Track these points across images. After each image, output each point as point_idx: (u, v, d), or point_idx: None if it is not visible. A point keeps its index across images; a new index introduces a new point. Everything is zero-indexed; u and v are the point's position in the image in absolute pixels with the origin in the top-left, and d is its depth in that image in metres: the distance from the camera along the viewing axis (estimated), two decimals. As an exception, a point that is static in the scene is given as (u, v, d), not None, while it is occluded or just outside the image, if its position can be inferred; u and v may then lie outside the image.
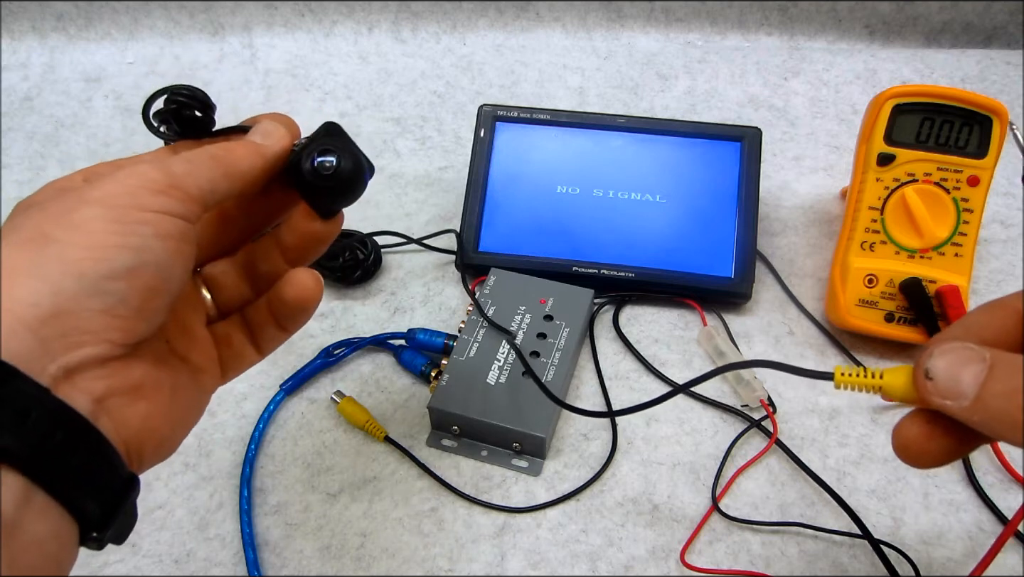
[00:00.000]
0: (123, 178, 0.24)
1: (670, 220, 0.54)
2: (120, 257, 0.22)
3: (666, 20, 0.76)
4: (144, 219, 0.23)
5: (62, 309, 0.21)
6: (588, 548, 0.41)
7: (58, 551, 0.20)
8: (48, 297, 0.21)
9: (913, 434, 0.26)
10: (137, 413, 0.23)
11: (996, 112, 0.48)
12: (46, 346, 0.21)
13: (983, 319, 0.26)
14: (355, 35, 0.77)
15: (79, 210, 0.23)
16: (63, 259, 0.22)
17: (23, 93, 0.73)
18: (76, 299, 0.21)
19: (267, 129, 0.31)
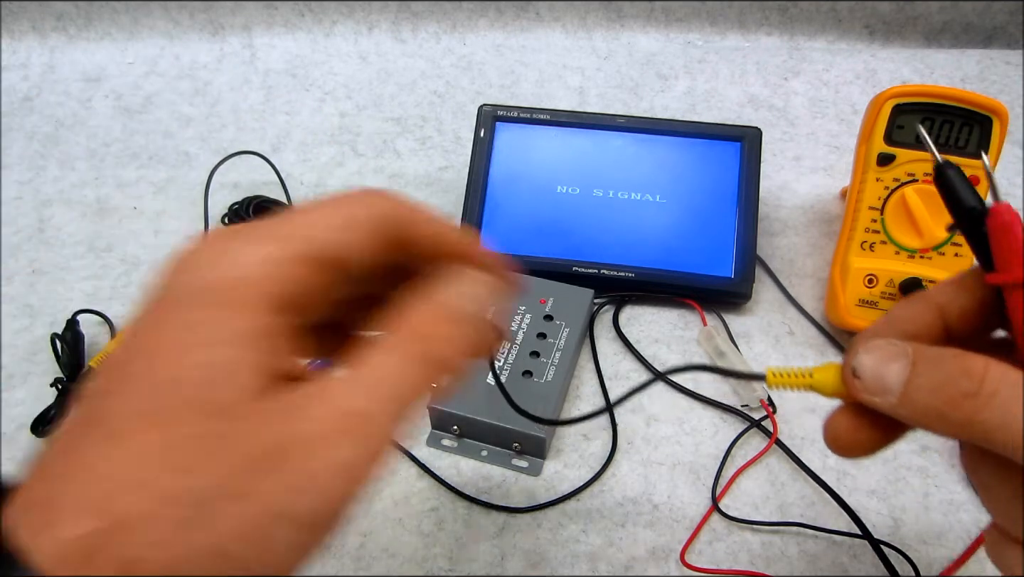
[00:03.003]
0: (330, 480, 0.19)
1: (670, 220, 0.54)
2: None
3: (666, 20, 0.76)
4: (324, 542, 0.20)
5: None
6: (588, 548, 0.41)
7: None
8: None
9: (843, 427, 0.26)
10: None
11: (996, 112, 0.48)
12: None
13: (905, 314, 0.26)
14: (355, 35, 0.77)
15: (277, 530, 0.19)
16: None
17: (23, 93, 0.74)
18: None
19: (480, 298, 0.24)
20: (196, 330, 0.20)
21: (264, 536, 0.19)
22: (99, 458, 0.19)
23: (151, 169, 0.65)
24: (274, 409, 0.20)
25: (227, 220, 0.58)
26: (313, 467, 0.19)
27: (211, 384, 0.19)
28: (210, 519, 0.18)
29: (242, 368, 0.20)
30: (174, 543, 0.18)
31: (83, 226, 0.61)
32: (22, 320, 0.54)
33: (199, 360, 0.19)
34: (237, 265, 0.20)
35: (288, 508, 0.19)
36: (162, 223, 0.61)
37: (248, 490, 0.19)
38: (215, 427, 0.19)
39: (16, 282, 0.57)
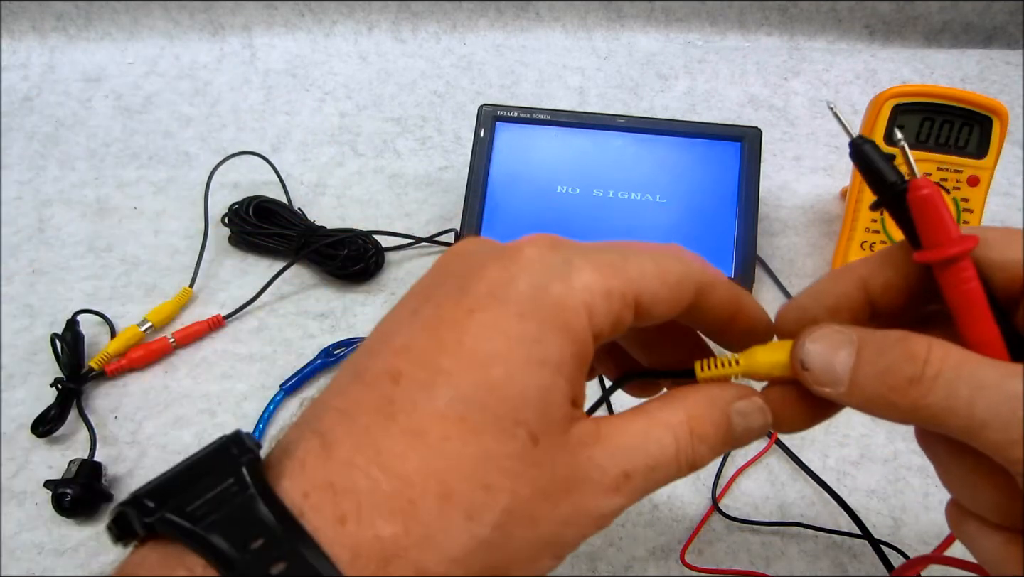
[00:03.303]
0: (588, 523, 0.21)
1: (670, 220, 0.54)
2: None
3: (666, 20, 0.76)
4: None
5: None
6: (588, 548, 0.41)
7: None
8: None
9: (780, 402, 0.25)
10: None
11: (996, 112, 0.48)
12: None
13: (829, 287, 0.25)
14: (355, 35, 0.77)
15: (542, 559, 0.20)
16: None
17: (23, 93, 0.73)
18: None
19: (754, 427, 0.24)
20: (528, 345, 0.19)
21: (537, 561, 0.19)
22: (401, 456, 0.18)
23: (151, 169, 0.65)
24: (575, 443, 0.20)
25: (227, 220, 0.58)
26: (586, 509, 0.20)
27: (534, 408, 0.19)
28: (505, 540, 0.18)
29: (561, 396, 0.20)
30: (468, 560, 0.18)
31: (83, 226, 0.61)
32: (22, 320, 0.54)
33: (528, 380, 0.19)
34: (579, 289, 0.20)
35: (559, 538, 0.20)
36: (162, 223, 0.61)
37: (539, 517, 0.19)
38: (528, 451, 0.19)
39: (16, 282, 0.57)
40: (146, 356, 0.50)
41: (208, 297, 0.55)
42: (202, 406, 0.49)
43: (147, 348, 0.50)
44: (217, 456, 0.19)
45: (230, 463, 0.19)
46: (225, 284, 0.56)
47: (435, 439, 0.18)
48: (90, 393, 0.49)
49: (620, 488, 0.21)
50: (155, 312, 0.53)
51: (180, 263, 0.57)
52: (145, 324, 0.52)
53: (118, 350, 0.50)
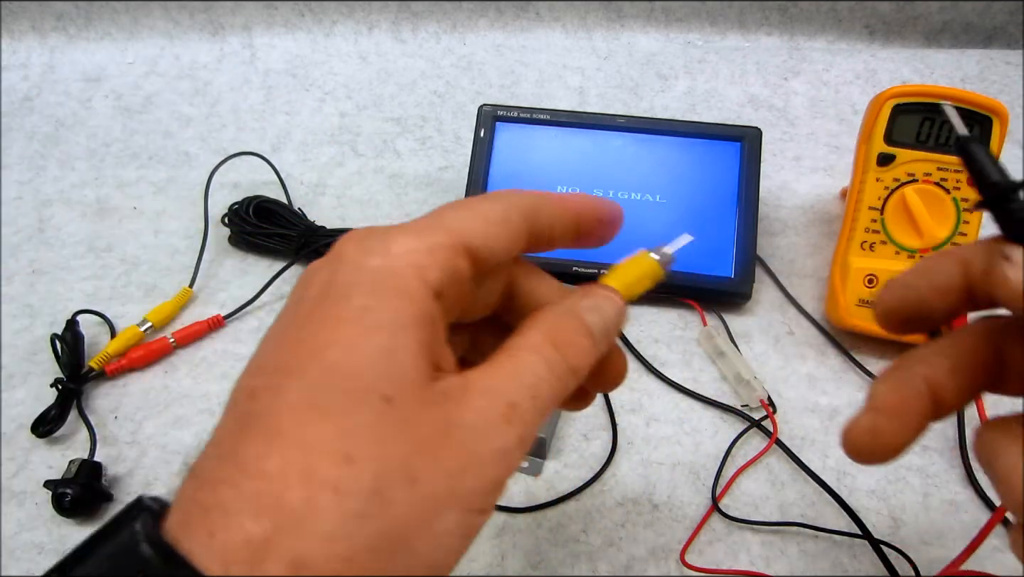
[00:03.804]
0: (492, 465, 0.20)
1: (670, 220, 0.54)
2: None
3: (666, 20, 0.76)
4: (480, 528, 0.21)
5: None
6: (588, 548, 0.41)
7: None
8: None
9: (863, 429, 0.25)
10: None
11: (996, 112, 0.48)
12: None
13: (933, 265, 0.24)
14: (355, 35, 0.77)
15: (447, 512, 0.19)
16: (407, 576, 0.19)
17: (23, 93, 0.73)
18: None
19: (608, 326, 0.25)
20: (362, 318, 0.19)
21: (435, 520, 0.19)
22: (260, 457, 0.18)
23: (151, 169, 0.65)
24: (439, 396, 0.20)
25: (227, 220, 0.58)
26: (477, 451, 0.20)
27: (380, 371, 0.19)
28: (384, 506, 0.18)
29: (410, 355, 0.20)
30: (348, 535, 0.18)
31: (83, 226, 0.61)
32: (22, 320, 0.54)
33: (367, 348, 0.19)
34: (398, 254, 0.20)
35: (455, 489, 0.19)
36: (162, 223, 0.61)
37: (418, 475, 0.19)
38: (385, 414, 0.19)
39: (16, 282, 0.57)
40: (146, 356, 0.50)
41: (208, 297, 0.55)
42: (202, 406, 0.49)
43: (147, 348, 0.50)
44: (116, 522, 0.19)
45: (126, 522, 0.19)
46: (225, 284, 0.56)
47: (291, 432, 0.18)
48: (90, 393, 0.49)
49: (511, 419, 0.20)
50: (155, 312, 0.53)
51: (180, 263, 0.57)
52: (145, 324, 0.52)
53: (118, 350, 0.50)
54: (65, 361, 0.49)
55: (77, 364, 0.49)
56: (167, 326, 0.53)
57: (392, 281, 0.20)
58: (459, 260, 0.21)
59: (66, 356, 0.49)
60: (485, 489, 0.20)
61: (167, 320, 0.53)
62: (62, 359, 0.49)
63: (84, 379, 0.49)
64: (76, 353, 0.50)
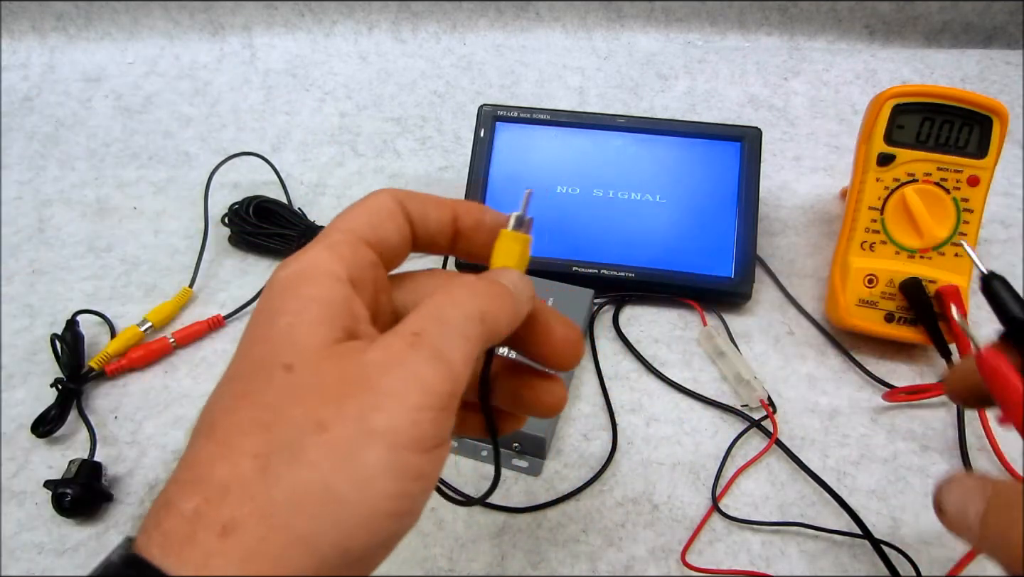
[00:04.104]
0: (405, 392, 0.20)
1: (670, 220, 0.54)
2: (385, 529, 0.20)
3: (666, 20, 0.76)
4: (421, 471, 0.20)
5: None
6: (588, 548, 0.41)
7: None
8: (312, 571, 0.19)
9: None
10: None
11: (996, 112, 0.48)
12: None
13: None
14: (355, 35, 0.77)
15: (365, 450, 0.19)
16: (340, 526, 0.19)
17: (23, 93, 0.73)
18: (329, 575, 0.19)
19: (519, 285, 0.25)
20: (272, 313, 0.22)
21: (354, 461, 0.19)
22: (198, 451, 0.20)
23: (151, 169, 0.65)
24: (345, 351, 0.21)
25: (227, 220, 0.58)
26: (385, 384, 0.20)
27: (281, 346, 0.21)
28: (296, 459, 0.19)
29: (309, 327, 0.21)
30: (268, 493, 0.19)
31: (83, 226, 0.61)
32: (22, 320, 0.54)
33: (273, 331, 0.22)
34: (304, 260, 0.23)
35: (370, 427, 0.20)
36: (162, 223, 0.61)
37: (328, 421, 0.20)
38: (288, 379, 0.20)
39: (16, 282, 0.57)
40: (146, 356, 0.50)
41: (208, 297, 0.55)
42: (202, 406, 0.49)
43: (147, 348, 0.50)
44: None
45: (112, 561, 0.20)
46: (225, 284, 0.56)
47: (221, 421, 0.21)
48: (90, 393, 0.49)
49: (416, 344, 0.21)
50: (155, 312, 0.53)
51: (180, 263, 0.57)
52: (145, 324, 0.52)
53: (118, 350, 0.50)
54: (65, 361, 0.49)
55: (77, 364, 0.49)
56: (167, 326, 0.53)
57: (297, 280, 0.23)
58: (359, 249, 0.24)
59: (66, 356, 0.49)
60: (406, 420, 0.20)
61: (167, 320, 0.53)
62: (62, 359, 0.49)
63: (84, 379, 0.49)
64: (76, 353, 0.50)
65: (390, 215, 0.25)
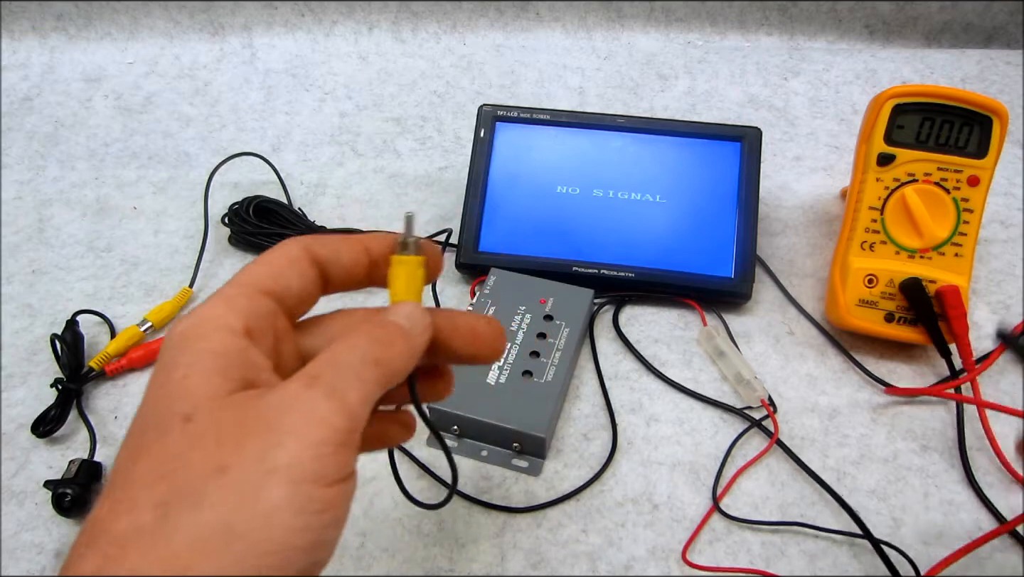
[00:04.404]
0: (306, 429, 0.21)
1: (670, 220, 0.54)
2: (296, 562, 0.20)
3: (666, 20, 0.76)
4: (326, 504, 0.21)
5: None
6: (588, 548, 0.41)
7: None
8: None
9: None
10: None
11: (996, 112, 0.48)
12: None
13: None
14: (355, 35, 0.77)
15: (267, 487, 0.20)
16: (245, 564, 0.19)
17: (23, 93, 0.73)
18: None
19: (414, 317, 0.26)
20: (168, 366, 0.22)
21: (258, 498, 0.20)
22: (94, 512, 0.21)
23: (151, 169, 0.65)
24: (243, 399, 0.22)
25: (227, 220, 0.58)
26: (287, 423, 0.21)
27: (179, 397, 0.22)
28: (197, 500, 0.19)
29: (204, 378, 0.22)
30: (168, 538, 0.19)
31: (83, 226, 0.61)
32: (22, 320, 0.54)
33: (170, 384, 0.22)
34: (200, 315, 0.24)
35: (270, 466, 0.20)
36: (162, 223, 0.61)
37: (228, 463, 0.20)
38: (184, 431, 0.21)
39: (16, 282, 0.57)
40: (146, 356, 0.50)
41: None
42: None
43: (147, 348, 0.50)
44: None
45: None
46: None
47: (119, 475, 0.21)
48: (90, 393, 0.49)
49: (312, 384, 0.22)
50: (155, 312, 0.53)
51: (180, 263, 0.57)
52: (145, 324, 0.52)
53: (118, 350, 0.50)
54: (65, 361, 0.49)
55: (77, 364, 0.49)
56: (167, 326, 0.53)
57: (191, 334, 0.23)
58: (255, 300, 0.24)
59: (66, 356, 0.49)
60: (308, 455, 0.20)
61: (167, 320, 0.53)
62: (62, 359, 0.49)
63: (84, 379, 0.49)
64: (76, 353, 0.50)
65: (291, 263, 0.26)
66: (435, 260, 0.28)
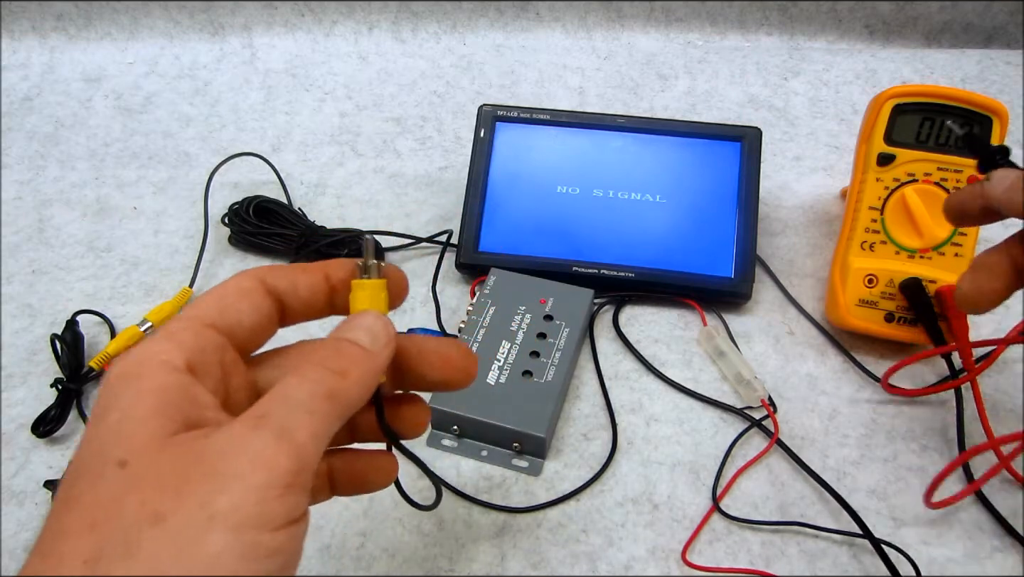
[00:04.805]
0: (248, 473, 0.20)
1: (670, 220, 0.54)
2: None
3: (666, 20, 0.76)
4: (273, 549, 0.20)
5: None
6: (588, 548, 0.41)
7: None
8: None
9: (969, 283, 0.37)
10: None
11: (996, 112, 0.48)
12: None
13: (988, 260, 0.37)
14: (355, 35, 0.77)
15: (207, 536, 0.19)
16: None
17: (23, 93, 0.74)
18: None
19: (375, 329, 0.25)
20: (104, 410, 0.22)
21: (198, 547, 0.19)
22: (24, 569, 0.20)
23: (151, 169, 0.65)
24: (185, 441, 0.21)
25: (227, 220, 0.58)
26: (229, 467, 0.20)
27: (113, 443, 0.21)
28: (131, 552, 0.18)
29: (141, 422, 0.21)
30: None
31: (83, 226, 0.61)
32: (22, 320, 0.54)
33: (104, 429, 0.21)
34: (139, 353, 0.23)
35: (214, 510, 0.19)
36: (162, 223, 0.61)
37: (165, 511, 0.19)
38: (121, 475, 0.20)
39: (16, 282, 0.57)
40: (146, 356, 0.50)
41: (208, 297, 0.55)
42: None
43: (147, 348, 0.50)
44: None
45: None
46: (225, 284, 0.56)
47: (48, 529, 0.20)
48: (90, 393, 0.49)
49: (259, 425, 0.21)
50: (155, 312, 0.53)
51: (180, 263, 0.57)
52: (145, 324, 0.52)
53: (118, 350, 0.50)
54: (65, 361, 0.49)
55: (77, 364, 0.49)
56: (167, 326, 0.53)
57: (128, 375, 0.22)
58: (201, 334, 0.24)
59: (66, 356, 0.49)
60: (250, 500, 0.20)
61: (167, 320, 0.53)
62: (62, 359, 0.49)
63: (84, 379, 0.49)
64: (76, 353, 0.50)
65: (242, 295, 0.25)
66: (399, 284, 0.27)
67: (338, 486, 0.29)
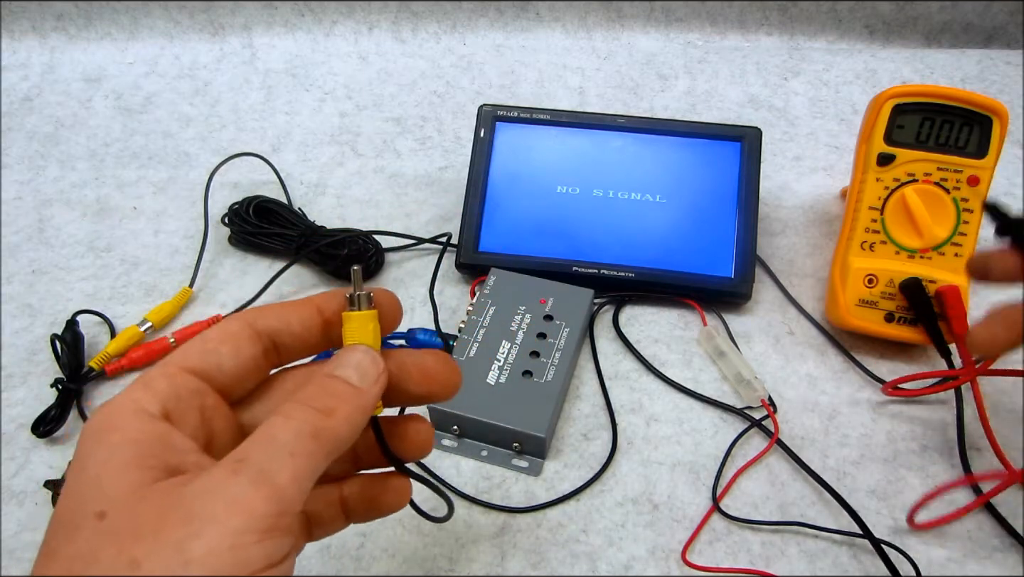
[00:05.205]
0: (225, 517, 0.20)
1: (670, 220, 0.54)
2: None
3: (666, 20, 0.76)
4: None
5: None
6: (588, 548, 0.41)
7: None
8: None
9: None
10: None
11: (996, 112, 0.48)
12: None
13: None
14: (355, 35, 0.77)
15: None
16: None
17: (23, 93, 0.74)
18: None
19: (363, 365, 0.25)
20: (81, 463, 0.22)
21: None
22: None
23: (151, 169, 0.65)
24: (164, 488, 0.21)
25: (227, 220, 0.58)
26: (206, 511, 0.20)
27: (91, 495, 0.21)
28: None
29: (117, 472, 0.21)
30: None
31: (83, 226, 0.61)
32: (22, 320, 0.54)
33: (82, 481, 0.21)
34: (110, 404, 0.23)
35: (190, 555, 0.19)
36: (162, 223, 0.61)
37: (141, 557, 0.19)
38: (99, 527, 0.20)
39: (16, 282, 0.57)
40: (146, 356, 0.50)
41: (208, 297, 0.55)
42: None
43: (147, 348, 0.50)
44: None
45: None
46: (225, 284, 0.56)
47: (39, 569, 0.21)
48: (90, 393, 0.49)
49: (238, 470, 0.21)
50: (155, 312, 0.53)
51: (180, 263, 0.57)
52: (145, 324, 0.52)
53: (118, 350, 0.50)
54: (65, 361, 0.49)
55: (77, 364, 0.49)
56: (167, 326, 0.53)
57: (103, 426, 0.22)
58: (178, 379, 0.24)
59: (66, 356, 0.49)
60: (225, 545, 0.20)
61: (167, 320, 0.53)
62: (62, 359, 0.49)
63: (84, 379, 0.49)
64: (76, 353, 0.50)
65: (225, 339, 0.25)
66: (392, 309, 0.27)
67: (352, 514, 0.29)
